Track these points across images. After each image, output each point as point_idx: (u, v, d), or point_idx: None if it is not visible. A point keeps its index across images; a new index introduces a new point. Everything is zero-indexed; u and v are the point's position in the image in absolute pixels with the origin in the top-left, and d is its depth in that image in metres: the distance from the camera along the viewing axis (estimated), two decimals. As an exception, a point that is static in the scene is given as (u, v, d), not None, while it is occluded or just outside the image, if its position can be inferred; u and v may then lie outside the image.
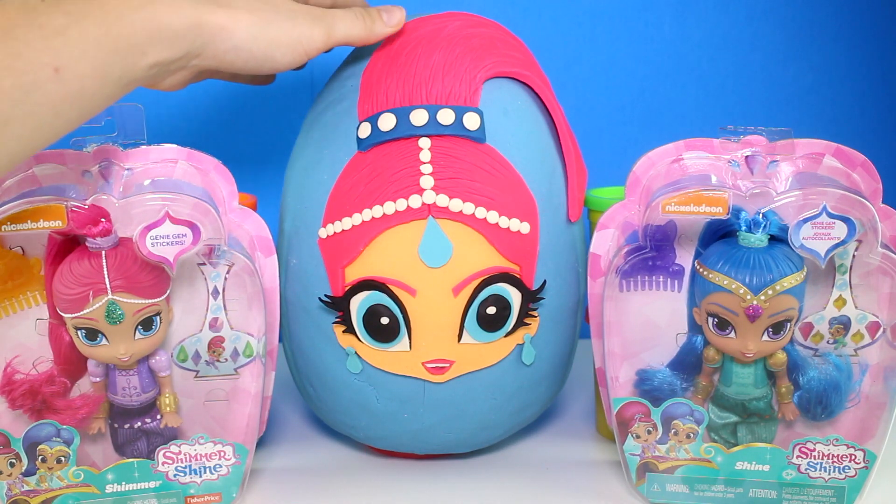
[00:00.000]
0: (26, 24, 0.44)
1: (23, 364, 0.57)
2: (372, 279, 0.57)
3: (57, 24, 0.45)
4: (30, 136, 0.45)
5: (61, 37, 0.45)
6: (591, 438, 0.70)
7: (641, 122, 0.89)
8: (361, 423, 0.63)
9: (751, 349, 0.57)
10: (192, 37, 0.49)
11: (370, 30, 0.57)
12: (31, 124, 0.45)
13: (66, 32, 0.45)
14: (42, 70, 0.44)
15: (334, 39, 0.56)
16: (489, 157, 0.57)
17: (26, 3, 0.45)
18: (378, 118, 0.57)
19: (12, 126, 0.44)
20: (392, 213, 0.56)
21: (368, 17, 0.57)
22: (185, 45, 0.49)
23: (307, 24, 0.54)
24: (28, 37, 0.44)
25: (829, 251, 0.54)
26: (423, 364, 0.59)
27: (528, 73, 0.61)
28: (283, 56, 0.53)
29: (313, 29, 0.54)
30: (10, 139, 0.44)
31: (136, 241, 0.53)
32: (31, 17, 0.45)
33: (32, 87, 0.44)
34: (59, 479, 0.57)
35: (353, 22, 0.57)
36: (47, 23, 0.45)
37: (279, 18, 0.53)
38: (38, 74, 0.44)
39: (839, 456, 0.57)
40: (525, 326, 0.59)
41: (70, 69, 0.45)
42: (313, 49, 0.54)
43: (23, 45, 0.44)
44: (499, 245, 0.57)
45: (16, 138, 0.44)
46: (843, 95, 0.89)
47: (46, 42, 0.44)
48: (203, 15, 0.49)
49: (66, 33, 0.45)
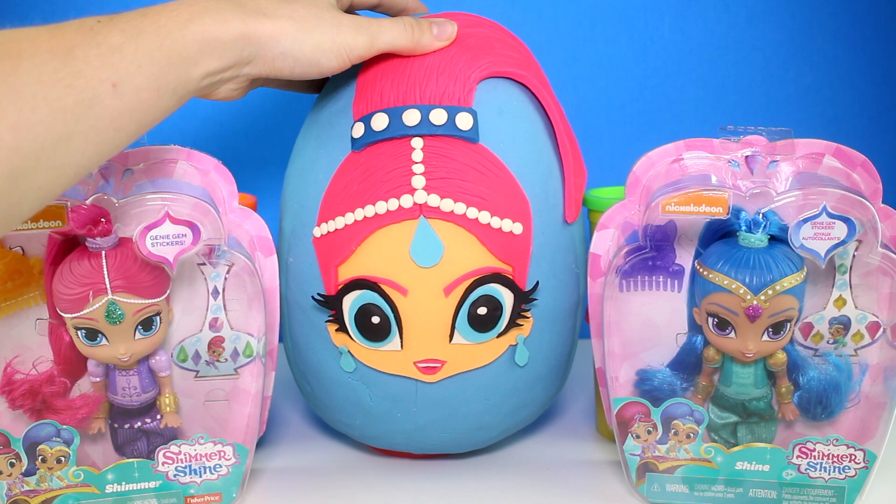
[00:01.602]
0: (85, 44, 0.46)
1: (23, 364, 0.57)
2: (364, 278, 0.57)
3: (113, 41, 0.47)
4: (93, 149, 0.47)
5: (117, 53, 0.47)
6: (591, 438, 0.70)
7: (641, 122, 0.89)
8: (357, 422, 0.63)
9: (751, 349, 0.57)
10: (240, 46, 0.51)
11: (417, 41, 0.58)
12: (93, 138, 0.46)
13: (121, 49, 0.47)
14: (101, 86, 0.46)
15: (378, 48, 0.57)
16: (482, 157, 0.57)
17: (84, 23, 0.47)
18: (371, 118, 0.57)
19: (75, 140, 0.46)
20: (384, 213, 0.56)
21: (418, 27, 0.58)
22: (234, 55, 0.51)
23: (351, 32, 0.55)
24: (87, 55, 0.46)
25: (829, 251, 0.54)
26: (414, 364, 0.59)
27: (525, 73, 0.61)
28: (328, 61, 0.55)
29: (357, 37, 0.55)
30: (75, 153, 0.46)
31: (136, 241, 0.53)
32: (89, 37, 0.47)
33: (93, 102, 0.46)
34: (59, 479, 0.57)
35: (400, 32, 0.57)
36: (104, 41, 0.47)
37: (323, 26, 0.55)
38: (97, 90, 0.46)
39: (839, 456, 0.57)
40: (518, 327, 0.59)
41: (127, 84, 0.47)
42: (356, 56, 0.56)
43: (83, 64, 0.46)
44: (491, 245, 0.57)
45: (80, 152, 0.46)
46: (843, 95, 0.89)
47: (104, 59, 0.46)
48: (250, 25, 0.51)
49: (122, 50, 0.47)
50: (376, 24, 0.57)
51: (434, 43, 0.58)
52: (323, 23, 0.55)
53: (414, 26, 0.58)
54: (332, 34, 0.55)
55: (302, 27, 0.54)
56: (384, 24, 0.57)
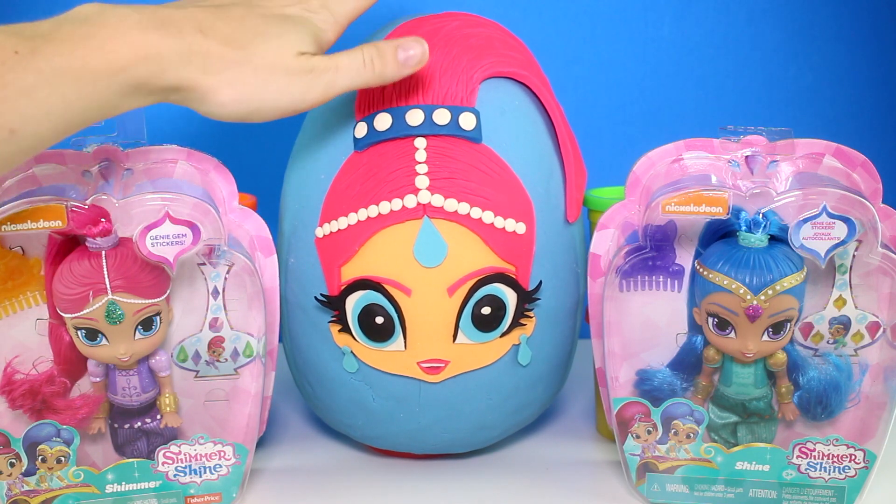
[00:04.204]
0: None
1: (23, 364, 0.57)
2: (367, 279, 0.57)
3: (25, 83, 0.43)
4: None
5: (26, 98, 0.43)
6: (591, 438, 0.70)
7: (641, 122, 0.89)
8: (359, 423, 0.63)
9: (751, 349, 0.57)
10: (171, 96, 0.49)
11: (380, 76, 0.54)
12: None
13: (32, 94, 0.43)
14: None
15: (334, 94, 0.53)
16: (485, 157, 0.57)
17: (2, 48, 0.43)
18: (374, 118, 0.57)
19: None
20: (387, 213, 0.56)
21: (379, 59, 0.54)
22: (161, 99, 0.49)
23: (301, 87, 0.51)
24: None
25: (829, 251, 0.54)
26: (418, 364, 0.59)
27: (526, 73, 0.61)
28: (272, 116, 0.52)
29: (309, 91, 0.52)
30: None
31: (136, 241, 0.53)
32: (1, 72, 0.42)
33: None
34: (59, 479, 0.57)
35: (359, 71, 0.53)
36: (14, 81, 0.43)
37: (269, 87, 0.50)
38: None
39: (839, 456, 0.57)
40: (521, 327, 0.59)
41: (26, 130, 0.43)
42: (307, 108, 0.53)
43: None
44: (494, 245, 0.57)
45: None
46: (843, 95, 0.89)
47: (9, 104, 0.43)
48: (187, 79, 0.48)
49: (33, 95, 0.43)
50: (333, 66, 0.52)
51: (401, 71, 0.54)
52: (270, 83, 0.50)
53: (375, 59, 0.53)
54: (276, 97, 0.51)
55: (242, 91, 0.49)
56: (342, 64, 0.53)
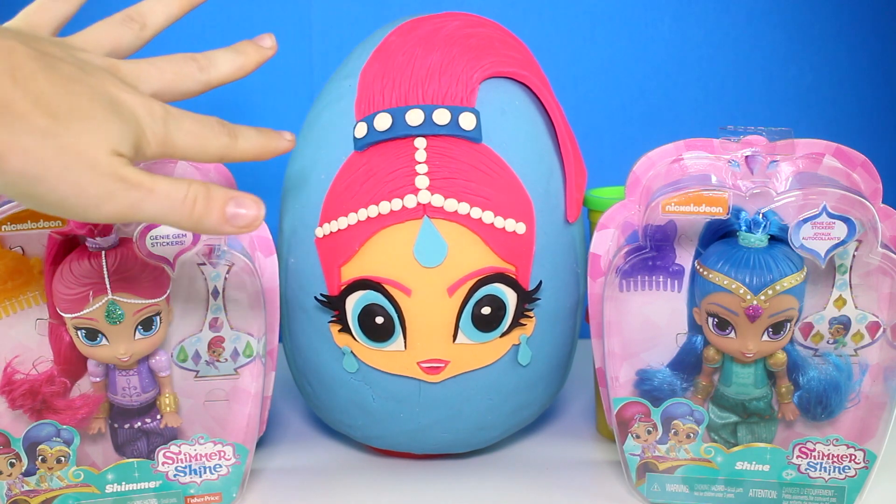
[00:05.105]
0: None
1: (23, 364, 0.57)
2: (367, 279, 0.57)
3: None
4: None
5: None
6: (591, 438, 0.70)
7: (641, 122, 0.89)
8: (359, 423, 0.63)
9: (751, 349, 0.57)
10: None
11: (197, 222, 0.43)
12: None
13: None
14: None
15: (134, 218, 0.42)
16: (485, 157, 0.57)
17: None
18: (374, 118, 0.57)
19: None
20: (387, 213, 0.56)
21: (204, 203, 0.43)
22: None
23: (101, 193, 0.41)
24: None
25: (829, 251, 0.54)
26: (418, 364, 0.59)
27: (526, 73, 0.61)
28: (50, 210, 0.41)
29: (107, 201, 0.41)
30: None
31: (136, 241, 0.53)
32: None
33: None
34: (59, 479, 0.57)
35: (174, 207, 0.43)
36: None
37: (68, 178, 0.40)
38: None
39: (839, 456, 0.57)
40: (521, 327, 0.59)
41: None
42: (92, 220, 0.42)
43: None
44: (494, 245, 0.57)
45: None
46: (843, 95, 0.89)
47: None
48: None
49: None
50: (148, 187, 0.42)
51: (222, 227, 0.44)
52: (69, 173, 0.40)
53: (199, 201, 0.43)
54: (68, 192, 0.40)
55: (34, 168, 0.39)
56: (159, 188, 0.42)
